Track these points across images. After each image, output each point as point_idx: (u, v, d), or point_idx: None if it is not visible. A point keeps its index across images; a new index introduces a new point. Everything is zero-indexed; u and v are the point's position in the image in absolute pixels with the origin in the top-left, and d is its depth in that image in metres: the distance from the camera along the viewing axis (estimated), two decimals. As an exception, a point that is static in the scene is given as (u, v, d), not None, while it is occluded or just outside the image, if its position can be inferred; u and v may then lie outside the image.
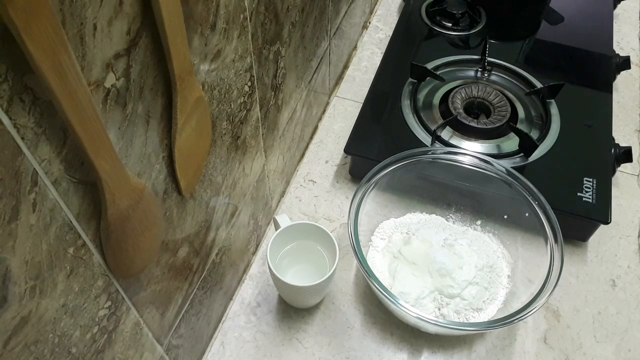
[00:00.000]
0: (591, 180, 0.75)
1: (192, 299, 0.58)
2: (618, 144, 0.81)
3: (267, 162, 0.69)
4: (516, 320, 0.59)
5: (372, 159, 0.75)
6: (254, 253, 0.75)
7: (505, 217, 0.73)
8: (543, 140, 0.79)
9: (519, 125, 0.81)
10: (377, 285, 0.61)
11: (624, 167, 0.84)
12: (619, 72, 0.95)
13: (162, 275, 0.49)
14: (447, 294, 0.66)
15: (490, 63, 0.90)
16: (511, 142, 0.79)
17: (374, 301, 0.70)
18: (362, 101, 0.85)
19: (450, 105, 0.83)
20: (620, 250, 0.76)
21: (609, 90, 0.88)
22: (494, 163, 0.72)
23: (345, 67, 1.00)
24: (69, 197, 0.33)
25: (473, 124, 0.80)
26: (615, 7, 1.07)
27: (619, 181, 0.84)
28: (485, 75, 0.90)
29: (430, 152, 0.73)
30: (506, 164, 0.73)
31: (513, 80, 0.89)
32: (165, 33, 0.36)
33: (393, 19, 1.09)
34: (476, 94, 0.85)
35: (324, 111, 0.93)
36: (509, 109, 0.83)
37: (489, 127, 0.80)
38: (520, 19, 1.03)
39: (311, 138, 0.88)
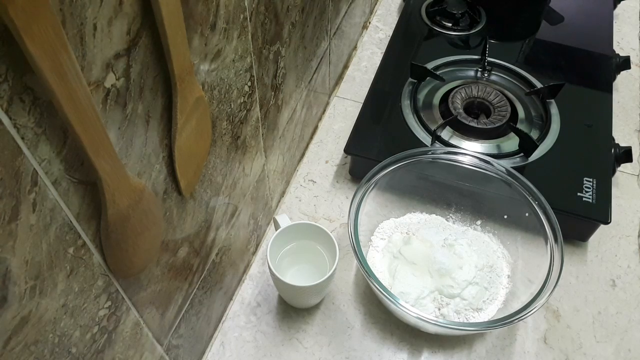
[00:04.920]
0: (591, 180, 0.75)
1: (192, 299, 0.58)
2: (618, 144, 0.81)
3: (267, 162, 0.69)
4: (516, 320, 0.59)
5: (372, 159, 0.75)
6: (254, 253, 0.75)
7: (505, 217, 0.73)
8: (543, 140, 0.79)
9: (519, 125, 0.81)
10: (377, 285, 0.61)
11: (624, 167, 0.84)
12: (619, 72, 0.95)
13: (162, 275, 0.49)
14: (447, 294, 0.66)
15: (490, 63, 0.90)
16: (511, 142, 0.79)
17: (374, 301, 0.70)
18: (362, 101, 0.85)
19: (450, 105, 0.83)
20: (620, 250, 0.76)
21: (609, 90, 0.88)
22: (494, 163, 0.72)
23: (345, 67, 1.00)
24: (69, 197, 0.33)
25: (473, 124, 0.80)
26: (615, 7, 1.07)
27: (619, 181, 0.84)
28: (485, 75, 0.90)
29: (430, 152, 0.73)
30: (506, 164, 0.73)
31: (513, 80, 0.89)
32: (165, 33, 0.36)
33: (393, 19, 1.09)
34: (476, 94, 0.85)
35: (324, 111, 0.93)
36: (509, 109, 0.83)
37: (489, 127, 0.80)
38: (520, 19, 1.03)
39: (311, 138, 0.88)
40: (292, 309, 0.70)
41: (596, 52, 0.95)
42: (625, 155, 0.79)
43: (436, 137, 0.78)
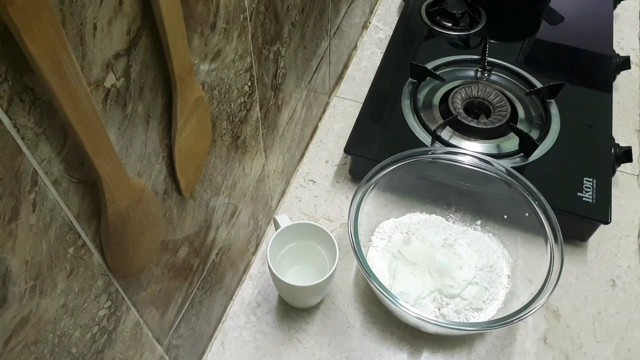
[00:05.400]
0: (591, 180, 0.75)
1: (192, 299, 0.58)
2: (618, 144, 0.81)
3: (267, 162, 0.69)
4: (516, 320, 0.59)
5: (372, 159, 0.75)
6: (254, 253, 0.75)
7: (505, 217, 0.73)
8: (543, 140, 0.79)
9: (519, 125, 0.81)
10: (377, 285, 0.61)
11: (624, 167, 0.84)
12: (619, 72, 0.95)
13: (162, 275, 0.49)
14: (447, 294, 0.66)
15: (490, 63, 0.90)
16: (511, 142, 0.79)
17: (374, 301, 0.70)
18: (362, 101, 0.85)
19: (450, 105, 0.83)
20: (620, 250, 0.76)
21: (609, 90, 0.88)
22: (494, 163, 0.72)
23: (345, 67, 1.00)
24: (69, 197, 0.33)
25: (473, 124, 0.80)
26: (615, 7, 1.07)
27: (619, 181, 0.84)
28: (485, 75, 0.90)
29: (430, 152, 0.73)
30: (506, 164, 0.73)
31: (513, 80, 0.89)
32: (165, 33, 0.36)
33: (393, 19, 1.09)
34: (476, 94, 0.85)
35: (324, 111, 0.93)
36: (509, 109, 0.83)
37: (489, 127, 0.80)
38: (520, 19, 1.03)
39: (311, 138, 0.88)
40: (292, 309, 0.70)
41: (596, 52, 0.95)
42: (625, 155, 0.79)
43: (436, 137, 0.78)
